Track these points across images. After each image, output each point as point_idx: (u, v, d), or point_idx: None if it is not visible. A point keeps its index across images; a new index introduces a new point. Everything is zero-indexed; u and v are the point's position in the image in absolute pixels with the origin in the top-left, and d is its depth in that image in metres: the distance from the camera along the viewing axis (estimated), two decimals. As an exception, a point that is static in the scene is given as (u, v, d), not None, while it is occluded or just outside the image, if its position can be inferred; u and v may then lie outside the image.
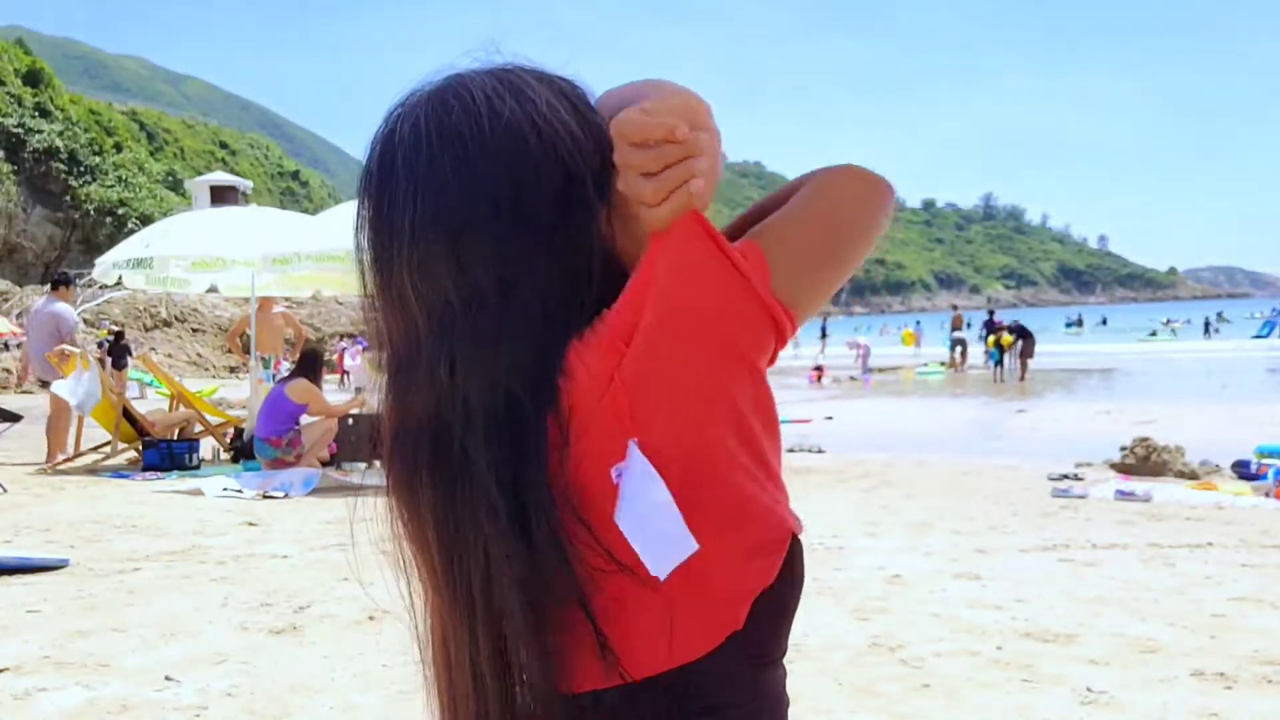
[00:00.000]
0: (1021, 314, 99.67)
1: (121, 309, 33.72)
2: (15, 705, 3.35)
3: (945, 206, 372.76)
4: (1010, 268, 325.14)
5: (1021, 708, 3.28)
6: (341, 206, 11.65)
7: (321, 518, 6.86)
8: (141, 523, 6.72)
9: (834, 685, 3.50)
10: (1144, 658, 3.74)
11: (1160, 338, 46.81)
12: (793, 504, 0.86)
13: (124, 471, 9.36)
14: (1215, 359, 27.81)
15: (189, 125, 75.82)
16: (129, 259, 10.61)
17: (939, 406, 16.97)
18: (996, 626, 4.16)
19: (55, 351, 9.88)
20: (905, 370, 27.58)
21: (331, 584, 4.96)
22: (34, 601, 4.64)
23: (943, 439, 11.86)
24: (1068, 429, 12.48)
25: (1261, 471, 7.75)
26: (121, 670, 3.69)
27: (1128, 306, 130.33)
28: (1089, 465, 8.86)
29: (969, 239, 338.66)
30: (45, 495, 8.00)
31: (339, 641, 4.02)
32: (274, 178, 77.50)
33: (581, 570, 0.80)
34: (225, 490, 8.08)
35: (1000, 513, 6.86)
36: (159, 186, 50.44)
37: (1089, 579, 4.97)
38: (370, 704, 3.34)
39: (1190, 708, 3.24)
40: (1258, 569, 5.13)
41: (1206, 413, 13.80)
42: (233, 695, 3.43)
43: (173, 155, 62.81)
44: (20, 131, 44.27)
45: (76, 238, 44.69)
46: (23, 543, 5.97)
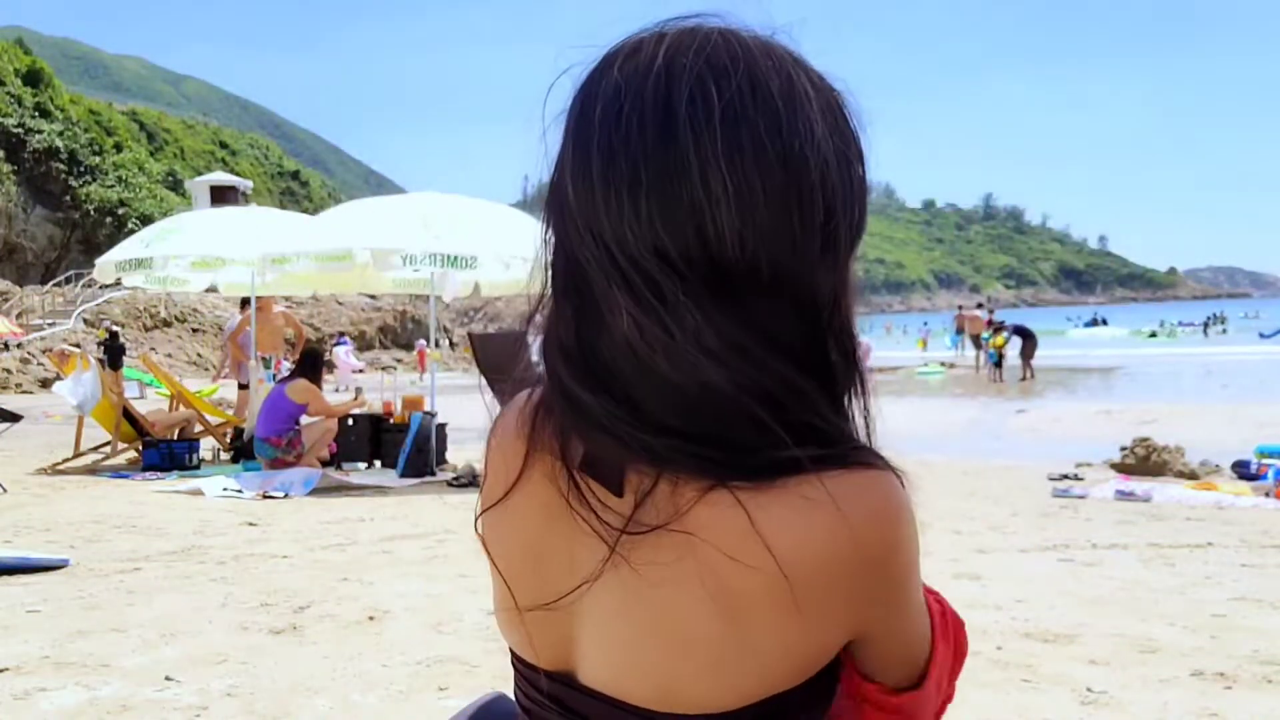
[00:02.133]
0: (1022, 314, 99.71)
1: (121, 309, 33.72)
2: (15, 705, 3.35)
3: (945, 206, 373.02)
4: (1010, 268, 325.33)
5: (1021, 708, 3.28)
6: (341, 206, 11.66)
7: (321, 518, 6.86)
8: (141, 523, 6.72)
9: (834, 685, 3.50)
10: (1144, 658, 3.74)
11: (1160, 339, 46.80)
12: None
13: (124, 471, 9.36)
14: (1216, 359, 27.80)
15: (189, 125, 75.87)
16: (129, 259, 10.62)
17: (939, 406, 16.96)
18: (996, 626, 4.16)
19: (56, 351, 9.90)
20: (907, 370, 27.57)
21: (331, 584, 4.96)
22: (34, 601, 4.64)
23: (943, 439, 11.86)
24: (1068, 429, 12.48)
25: (1261, 471, 7.75)
26: (121, 670, 3.68)
27: (1128, 306, 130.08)
28: (1089, 465, 8.86)
29: (969, 239, 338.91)
30: (45, 495, 8.01)
31: (339, 641, 4.02)
32: (274, 178, 77.50)
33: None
34: (225, 490, 8.08)
35: (1000, 513, 6.86)
36: (159, 186, 50.48)
37: (1089, 579, 4.97)
38: (370, 704, 3.34)
39: (1190, 708, 3.24)
40: (1258, 569, 5.13)
41: (1206, 413, 13.81)
42: (233, 695, 3.43)
43: (173, 155, 62.83)
44: (20, 131, 44.31)
45: (76, 238, 44.73)
46: (23, 543, 5.97)
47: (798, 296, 0.73)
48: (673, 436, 0.72)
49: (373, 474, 9.16)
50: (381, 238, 8.89)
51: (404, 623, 4.23)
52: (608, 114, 0.73)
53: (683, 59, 0.73)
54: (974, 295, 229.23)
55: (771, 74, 0.73)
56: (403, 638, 4.00)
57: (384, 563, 5.39)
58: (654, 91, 0.72)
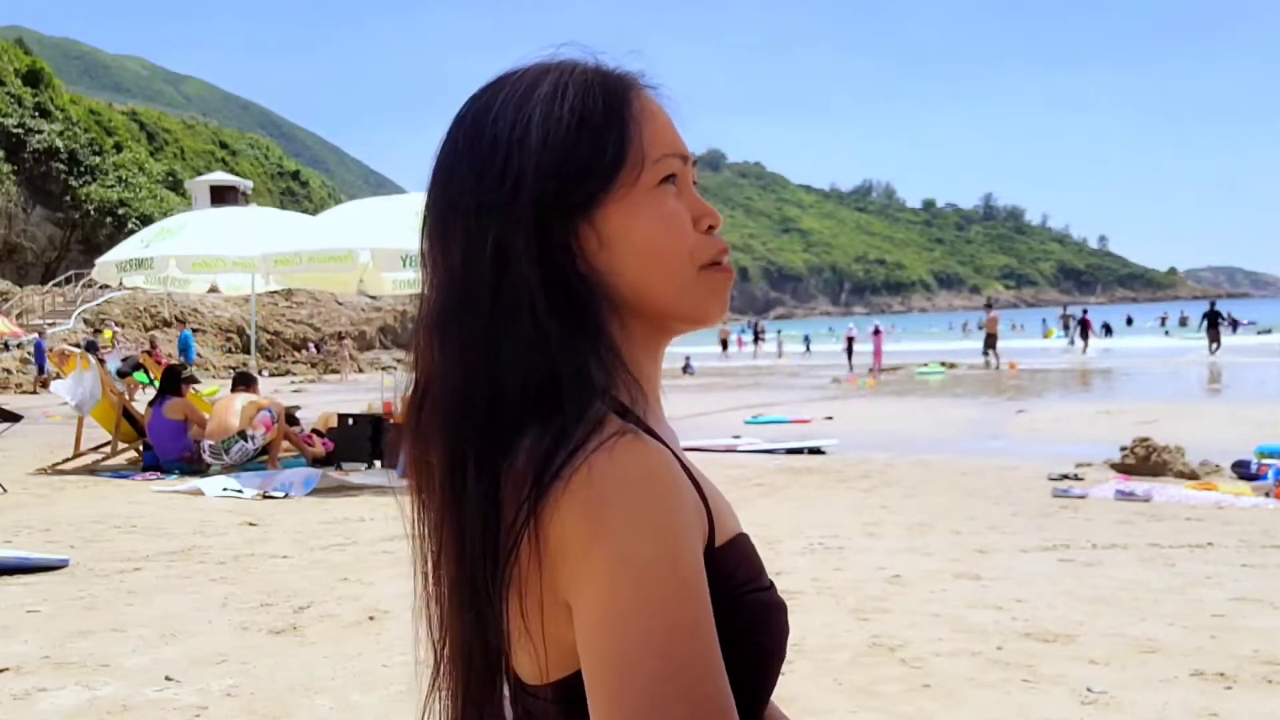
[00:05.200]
0: (1022, 314, 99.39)
1: (121, 309, 33.74)
2: (15, 705, 3.35)
3: (945, 206, 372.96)
4: (1010, 268, 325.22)
5: (1021, 708, 3.28)
6: (341, 206, 11.66)
7: (321, 518, 6.86)
8: (141, 523, 6.72)
9: (834, 685, 3.50)
10: (1144, 658, 3.74)
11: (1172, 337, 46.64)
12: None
13: (124, 471, 9.37)
14: (1218, 360, 27.80)
15: (189, 125, 75.79)
16: (129, 259, 10.62)
17: (939, 406, 16.96)
18: (996, 626, 4.16)
19: (56, 351, 9.91)
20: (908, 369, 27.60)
21: (331, 584, 4.96)
22: (34, 601, 4.64)
23: (943, 439, 11.86)
24: (1068, 429, 12.48)
25: (1261, 471, 7.74)
26: (121, 670, 3.68)
27: (1128, 307, 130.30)
28: (1089, 465, 8.86)
29: (969, 239, 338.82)
30: (45, 495, 8.01)
31: (339, 641, 4.02)
32: (274, 178, 77.47)
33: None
34: (225, 490, 8.08)
35: (1000, 513, 6.86)
36: (159, 186, 50.47)
37: (1089, 579, 4.97)
38: (370, 704, 3.34)
39: (1190, 708, 3.24)
40: (1258, 569, 5.13)
41: (1206, 413, 13.80)
42: (233, 695, 3.43)
43: (173, 155, 62.79)
44: (20, 131, 44.30)
45: (76, 238, 44.72)
46: (23, 543, 5.97)
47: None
48: None
49: (373, 474, 9.16)
50: (382, 238, 8.90)
51: (404, 623, 4.23)
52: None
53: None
54: (974, 295, 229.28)
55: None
56: (403, 638, 4.00)
57: (384, 563, 5.38)
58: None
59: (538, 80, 0.83)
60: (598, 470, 0.71)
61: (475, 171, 0.80)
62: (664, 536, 0.71)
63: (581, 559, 0.71)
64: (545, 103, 0.80)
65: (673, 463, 0.75)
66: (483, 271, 0.78)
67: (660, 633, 0.69)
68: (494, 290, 0.78)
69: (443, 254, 0.82)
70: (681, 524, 0.73)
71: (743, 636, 0.77)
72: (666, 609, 0.70)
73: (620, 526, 0.70)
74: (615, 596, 0.70)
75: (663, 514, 0.72)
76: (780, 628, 0.82)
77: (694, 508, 0.75)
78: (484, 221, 0.79)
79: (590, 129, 0.80)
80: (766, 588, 0.81)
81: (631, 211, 0.81)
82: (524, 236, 0.78)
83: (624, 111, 0.83)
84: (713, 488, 0.82)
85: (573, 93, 0.81)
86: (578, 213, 0.80)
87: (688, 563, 0.72)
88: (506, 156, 0.79)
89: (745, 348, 43.48)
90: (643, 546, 0.70)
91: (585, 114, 0.81)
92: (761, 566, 0.83)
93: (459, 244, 0.80)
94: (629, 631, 0.69)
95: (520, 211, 0.78)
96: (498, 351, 0.78)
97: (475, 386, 0.78)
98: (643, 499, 0.71)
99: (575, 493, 0.71)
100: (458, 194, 0.81)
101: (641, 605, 0.70)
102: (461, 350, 0.79)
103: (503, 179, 0.79)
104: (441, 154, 0.84)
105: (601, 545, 0.70)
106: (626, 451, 0.72)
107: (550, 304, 0.77)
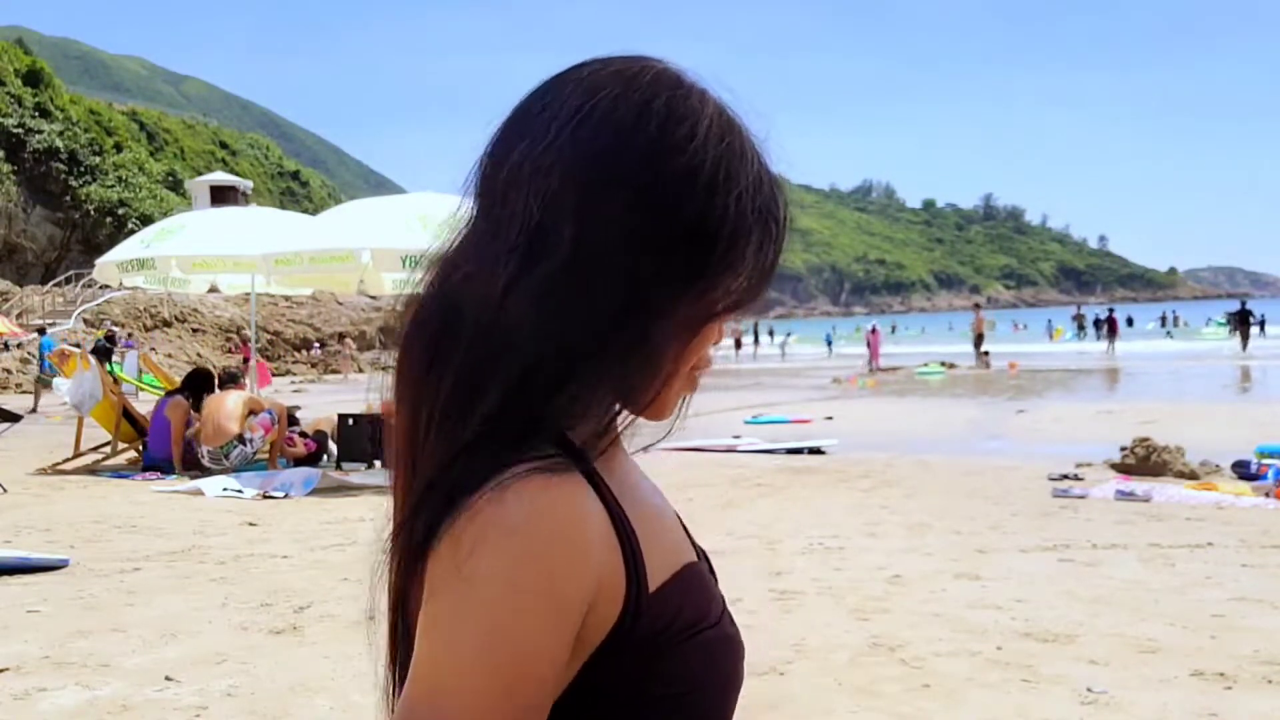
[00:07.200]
0: (1022, 314, 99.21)
1: (121, 309, 33.71)
2: (15, 705, 3.35)
3: (945, 206, 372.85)
4: (1010, 268, 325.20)
5: (1021, 708, 3.28)
6: (342, 206, 11.66)
7: (321, 518, 6.86)
8: (141, 523, 6.72)
9: (834, 685, 3.50)
10: (1144, 658, 3.74)
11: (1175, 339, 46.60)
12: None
13: (124, 471, 9.37)
14: (1217, 360, 27.79)
15: (189, 125, 75.77)
16: (129, 259, 10.62)
17: (939, 406, 16.96)
18: (996, 626, 4.16)
19: (56, 351, 9.92)
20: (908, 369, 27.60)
21: (331, 584, 4.96)
22: (34, 601, 4.64)
23: (943, 439, 11.86)
24: (1068, 429, 12.48)
25: (1261, 471, 7.75)
26: (121, 670, 3.68)
27: (1128, 307, 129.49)
28: (1089, 465, 8.86)
29: (969, 239, 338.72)
30: (45, 495, 8.01)
31: (339, 641, 4.01)
32: (274, 178, 77.45)
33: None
34: (225, 490, 8.09)
35: (1000, 513, 6.86)
36: (159, 186, 50.43)
37: (1089, 579, 4.97)
38: (370, 704, 3.34)
39: (1190, 708, 3.24)
40: (1258, 569, 5.13)
41: (1206, 413, 13.80)
42: (233, 695, 3.43)
43: (173, 155, 62.78)
44: (20, 131, 44.28)
45: (76, 238, 44.71)
46: (23, 543, 5.97)
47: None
48: None
49: (373, 474, 9.15)
50: (383, 238, 8.90)
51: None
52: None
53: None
54: (974, 295, 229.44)
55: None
56: (403, 638, 4.00)
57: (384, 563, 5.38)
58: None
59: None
60: (482, 510, 0.70)
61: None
62: (520, 593, 0.68)
63: (436, 582, 0.72)
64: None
65: (575, 507, 0.71)
66: (618, 289, 0.73)
67: (469, 679, 0.69)
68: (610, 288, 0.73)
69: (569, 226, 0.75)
70: (543, 587, 0.69)
71: (694, 681, 0.75)
72: (484, 660, 0.69)
73: (480, 572, 0.69)
74: (446, 617, 0.71)
75: (526, 568, 0.69)
76: (733, 663, 0.79)
77: (585, 562, 0.70)
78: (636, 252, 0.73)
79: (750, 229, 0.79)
80: (714, 623, 0.77)
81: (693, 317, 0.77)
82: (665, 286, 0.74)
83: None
84: (656, 520, 0.79)
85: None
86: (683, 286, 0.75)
87: (530, 626, 0.69)
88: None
89: (745, 349, 43.69)
90: (492, 595, 0.69)
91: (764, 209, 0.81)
92: (713, 595, 0.80)
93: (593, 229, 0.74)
94: (442, 663, 0.70)
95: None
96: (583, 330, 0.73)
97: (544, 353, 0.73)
98: (513, 549, 0.69)
99: (457, 527, 0.71)
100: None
101: (465, 641, 0.69)
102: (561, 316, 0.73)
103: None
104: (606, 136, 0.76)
105: (455, 580, 0.70)
106: (521, 492, 0.69)
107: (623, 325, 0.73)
